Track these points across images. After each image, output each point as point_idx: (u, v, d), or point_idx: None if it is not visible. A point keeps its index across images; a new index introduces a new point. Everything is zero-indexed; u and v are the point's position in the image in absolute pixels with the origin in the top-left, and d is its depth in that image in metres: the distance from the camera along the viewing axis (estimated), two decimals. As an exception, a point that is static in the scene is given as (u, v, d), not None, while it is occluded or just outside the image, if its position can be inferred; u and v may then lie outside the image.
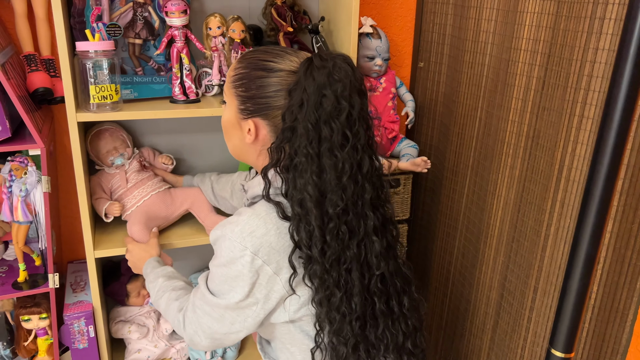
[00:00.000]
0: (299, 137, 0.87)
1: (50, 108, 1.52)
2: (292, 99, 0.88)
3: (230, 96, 0.97)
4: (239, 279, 0.92)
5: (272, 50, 0.95)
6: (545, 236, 1.16)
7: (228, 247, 0.91)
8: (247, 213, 0.93)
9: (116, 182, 1.43)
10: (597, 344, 1.12)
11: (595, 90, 1.02)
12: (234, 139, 1.00)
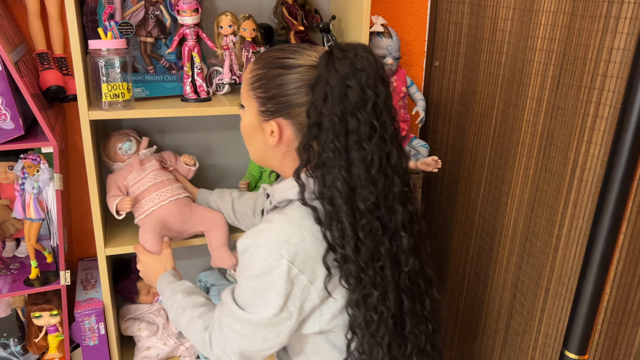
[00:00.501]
0: (325, 132, 0.84)
1: (62, 106, 1.53)
2: (315, 94, 0.85)
3: (249, 99, 0.93)
4: (273, 291, 0.86)
5: (288, 48, 0.92)
6: (557, 237, 1.15)
7: (262, 257, 0.86)
8: (280, 219, 0.88)
9: (133, 178, 1.35)
10: (610, 346, 1.11)
11: (610, 90, 1.01)
12: (256, 143, 0.96)
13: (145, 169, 1.35)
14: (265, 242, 0.86)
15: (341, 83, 0.83)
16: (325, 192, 0.86)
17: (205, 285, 1.75)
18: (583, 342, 0.83)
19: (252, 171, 1.65)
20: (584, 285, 0.82)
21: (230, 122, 1.67)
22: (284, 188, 0.93)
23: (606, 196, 0.78)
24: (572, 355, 0.83)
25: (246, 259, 0.89)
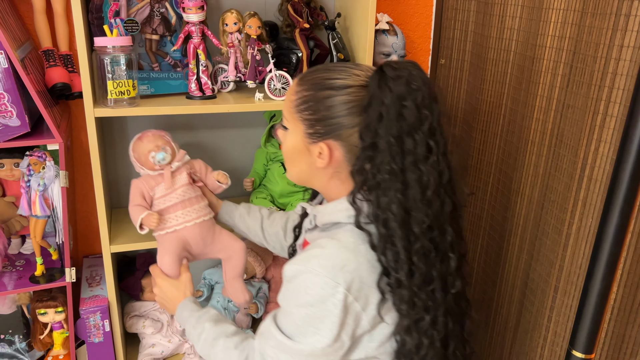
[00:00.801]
0: (381, 153, 0.82)
1: (68, 103, 1.53)
2: (368, 115, 0.83)
3: (294, 121, 0.91)
4: (327, 320, 0.83)
5: (333, 68, 0.89)
6: (567, 235, 1.14)
7: (317, 284, 0.82)
8: (333, 245, 0.85)
9: (160, 191, 1.23)
10: (617, 345, 1.10)
11: (620, 88, 1.00)
12: (301, 165, 0.93)
13: (175, 183, 1.23)
14: (320, 268, 0.82)
15: (397, 103, 0.81)
16: (380, 214, 0.83)
17: (209, 282, 1.75)
18: (590, 341, 0.83)
19: (257, 169, 1.65)
20: (591, 284, 0.81)
21: (235, 120, 1.67)
22: (332, 210, 0.90)
23: (614, 194, 0.77)
24: (578, 354, 0.82)
25: (296, 285, 0.85)
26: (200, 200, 1.26)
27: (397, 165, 0.82)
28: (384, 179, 0.82)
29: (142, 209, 1.22)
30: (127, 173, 1.61)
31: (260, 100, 1.39)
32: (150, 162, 1.22)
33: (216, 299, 1.71)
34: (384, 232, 0.83)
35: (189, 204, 1.22)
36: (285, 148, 0.95)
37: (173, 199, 1.22)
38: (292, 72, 1.44)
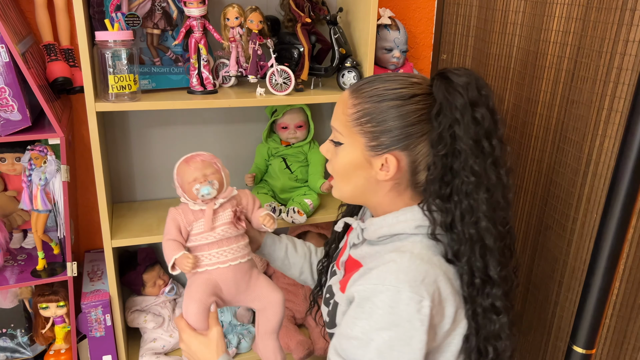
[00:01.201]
0: (462, 157, 0.82)
1: (69, 98, 1.52)
2: (439, 123, 0.83)
3: (352, 135, 0.87)
4: (415, 340, 0.78)
5: (388, 78, 0.87)
6: (570, 230, 1.14)
7: (401, 301, 0.77)
8: (407, 257, 0.81)
9: (198, 227, 1.09)
10: (619, 340, 1.10)
11: (625, 83, 1.00)
12: (358, 180, 0.89)
13: (216, 221, 1.09)
14: (400, 284, 0.78)
15: (470, 108, 0.81)
16: (467, 218, 0.83)
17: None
18: (591, 336, 0.83)
19: (258, 164, 1.64)
20: (592, 280, 0.81)
21: (236, 115, 1.66)
22: (393, 222, 0.87)
23: (616, 189, 0.77)
24: (579, 349, 0.82)
25: (374, 307, 0.79)
26: (239, 240, 1.11)
27: (480, 168, 0.82)
28: (470, 182, 0.82)
29: (177, 246, 1.08)
30: (129, 167, 1.61)
31: (261, 95, 1.38)
32: (194, 193, 1.09)
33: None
34: (474, 235, 0.82)
35: (227, 243, 1.09)
36: (339, 164, 0.91)
37: (210, 237, 1.08)
38: (294, 67, 1.43)
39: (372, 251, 0.91)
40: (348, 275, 0.92)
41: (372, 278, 0.81)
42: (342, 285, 0.92)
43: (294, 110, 1.57)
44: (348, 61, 1.44)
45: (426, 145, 0.85)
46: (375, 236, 0.89)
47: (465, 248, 0.83)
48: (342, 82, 1.46)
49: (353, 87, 0.90)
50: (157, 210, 1.57)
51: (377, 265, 0.83)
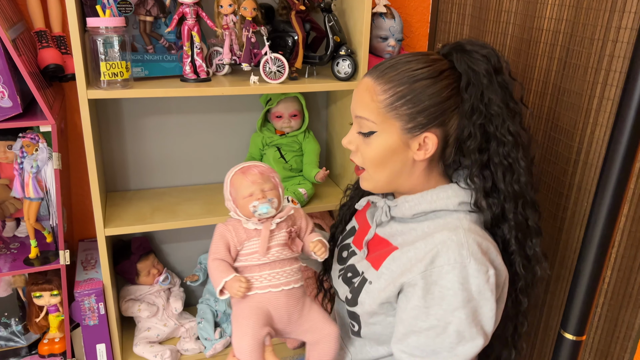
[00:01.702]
0: (498, 121, 0.86)
1: (62, 86, 1.52)
2: (471, 94, 0.86)
3: (388, 121, 0.87)
4: (487, 309, 0.81)
5: (408, 59, 0.89)
6: (561, 219, 1.14)
7: (470, 275, 0.80)
8: (461, 234, 0.83)
9: (250, 247, 0.99)
10: (610, 328, 1.11)
11: (617, 71, 0.99)
12: (395, 165, 0.90)
13: (271, 241, 1.00)
14: (464, 259, 0.81)
15: (495, 75, 0.86)
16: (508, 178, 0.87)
17: (205, 267, 1.75)
18: (581, 323, 0.83)
19: (252, 153, 1.64)
20: (582, 266, 0.81)
21: (230, 104, 1.66)
22: (432, 198, 0.89)
23: (606, 176, 0.77)
24: (569, 335, 0.82)
25: (441, 290, 0.81)
26: (292, 263, 1.01)
27: (514, 128, 0.86)
28: (508, 142, 0.86)
29: (226, 267, 0.98)
30: (122, 156, 1.61)
31: (255, 84, 1.38)
32: (248, 210, 0.98)
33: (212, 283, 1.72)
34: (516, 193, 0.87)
35: (280, 265, 0.99)
36: (373, 153, 0.90)
37: (263, 258, 0.98)
38: (288, 55, 1.42)
39: (404, 228, 0.92)
40: (379, 254, 0.92)
41: (433, 261, 0.81)
42: (373, 263, 0.92)
43: (288, 99, 1.56)
44: (343, 49, 1.44)
45: (457, 119, 0.88)
46: (410, 213, 0.90)
47: (510, 205, 0.86)
48: (336, 70, 1.46)
49: (375, 73, 0.89)
50: (151, 200, 1.57)
51: (425, 247, 0.84)
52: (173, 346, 1.61)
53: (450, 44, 0.92)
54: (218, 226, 1.02)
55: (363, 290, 0.92)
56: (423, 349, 0.83)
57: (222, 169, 1.71)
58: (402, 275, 0.84)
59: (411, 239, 0.89)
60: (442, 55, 0.91)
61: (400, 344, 0.86)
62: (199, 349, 1.61)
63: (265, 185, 0.99)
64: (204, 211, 1.50)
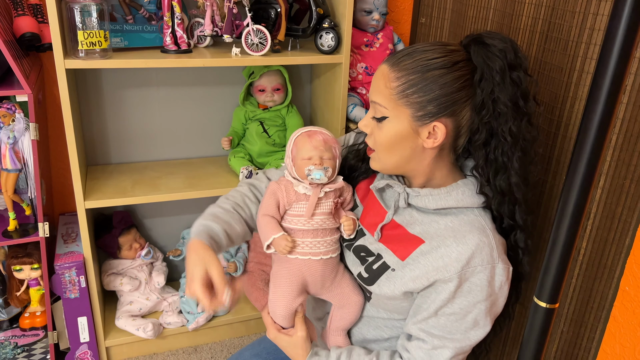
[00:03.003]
0: (502, 119, 0.88)
1: (39, 56, 1.49)
2: (483, 89, 0.87)
3: (398, 108, 0.89)
4: (502, 300, 0.90)
5: (425, 48, 0.90)
6: (540, 193, 1.15)
7: (496, 274, 0.87)
8: (490, 235, 0.89)
9: (297, 209, 1.01)
10: (584, 299, 1.13)
11: (597, 44, 0.99)
12: (404, 151, 0.92)
13: (317, 207, 1.01)
14: (494, 260, 0.87)
15: (509, 72, 0.87)
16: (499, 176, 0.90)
17: (188, 242, 1.75)
18: (554, 291, 0.84)
19: (235, 128, 1.63)
20: (557, 235, 0.82)
21: (212, 77, 1.64)
22: (459, 197, 0.92)
23: (582, 144, 0.77)
24: (542, 303, 0.84)
25: (470, 286, 0.87)
26: (334, 233, 1.03)
27: (517, 129, 0.88)
28: (506, 143, 0.89)
29: (275, 225, 1.00)
30: (103, 129, 1.59)
31: (237, 56, 1.36)
32: (303, 172, 1.01)
33: (195, 257, 1.71)
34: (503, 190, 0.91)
35: (322, 234, 1.01)
36: (384, 138, 0.92)
37: (307, 224, 1.01)
38: (271, 27, 1.41)
39: (423, 219, 0.95)
40: (403, 245, 0.95)
41: (468, 262, 0.86)
42: (397, 251, 0.95)
43: (271, 73, 1.55)
44: (326, 22, 1.42)
45: (469, 110, 0.90)
46: (434, 206, 0.93)
47: (495, 200, 0.91)
48: (319, 43, 1.45)
49: (391, 61, 0.91)
50: (132, 173, 1.56)
51: (458, 246, 0.88)
52: (155, 320, 1.61)
53: (472, 35, 0.93)
54: (270, 184, 1.04)
55: (384, 275, 0.95)
56: (441, 329, 0.89)
57: (204, 144, 1.71)
58: (437, 272, 0.88)
59: (433, 231, 0.92)
60: (462, 46, 0.92)
61: (420, 324, 0.91)
62: (182, 323, 1.61)
63: (326, 153, 1.01)
64: (185, 185, 1.49)
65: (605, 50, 0.70)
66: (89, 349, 1.50)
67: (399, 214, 0.98)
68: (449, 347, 0.88)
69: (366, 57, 1.58)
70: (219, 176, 1.57)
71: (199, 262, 0.90)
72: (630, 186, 1.02)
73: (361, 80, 1.59)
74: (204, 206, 1.01)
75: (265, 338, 1.22)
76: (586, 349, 1.17)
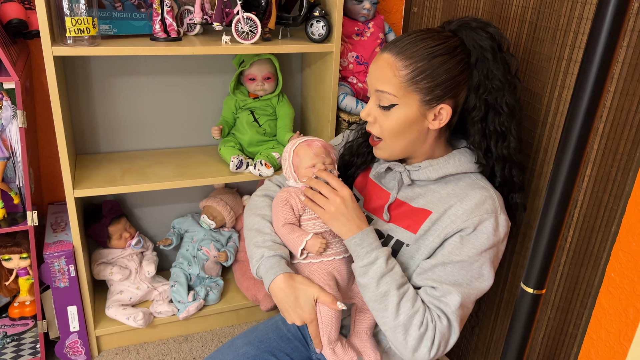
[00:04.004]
0: (499, 94, 0.95)
1: (27, 43, 1.47)
2: (480, 70, 0.95)
3: (407, 95, 0.94)
4: (501, 253, 0.98)
5: (424, 36, 0.95)
6: (528, 181, 1.16)
7: (500, 225, 0.94)
8: (491, 190, 0.97)
9: (312, 213, 1.02)
10: (571, 286, 1.14)
11: (585, 33, 1.00)
12: (412, 134, 0.98)
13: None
14: (496, 210, 0.94)
15: (499, 51, 0.96)
16: (499, 144, 0.98)
17: (178, 231, 1.75)
18: (541, 277, 0.85)
19: (225, 117, 1.62)
20: (544, 222, 0.83)
21: (202, 66, 1.63)
22: (456, 163, 1.00)
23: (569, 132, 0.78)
24: (529, 289, 0.85)
25: (476, 234, 0.93)
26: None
27: (512, 100, 0.97)
28: (504, 114, 0.97)
29: (300, 229, 1.01)
30: (92, 118, 1.57)
31: (227, 44, 1.35)
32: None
33: (185, 247, 1.72)
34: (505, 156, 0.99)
35: (333, 236, 1.03)
36: (393, 125, 0.97)
37: (324, 226, 1.02)
38: (261, 15, 1.40)
39: (423, 191, 1.02)
40: (412, 220, 1.00)
41: (472, 212, 0.94)
42: (409, 227, 1.01)
43: (262, 61, 1.54)
44: (317, 10, 1.42)
45: (465, 91, 0.97)
46: (436, 175, 0.99)
47: (499, 167, 1.00)
48: (310, 32, 1.44)
49: (394, 50, 0.95)
50: (121, 162, 1.55)
51: (462, 204, 0.95)
52: (146, 309, 1.61)
53: (455, 21, 1.00)
54: (279, 193, 1.06)
55: (399, 252, 1.01)
56: (447, 277, 0.93)
57: (194, 133, 1.70)
58: (445, 229, 0.95)
59: (437, 199, 0.99)
60: (449, 31, 0.98)
61: (426, 273, 0.95)
62: (172, 312, 1.62)
63: (327, 159, 1.05)
64: (175, 174, 1.49)
65: (592, 38, 0.71)
66: (79, 338, 1.50)
67: (402, 191, 1.04)
68: (457, 293, 0.92)
69: (357, 46, 1.58)
70: (209, 165, 1.56)
71: (303, 296, 0.97)
72: (617, 174, 1.03)
73: (352, 70, 1.59)
74: (194, 195, 1.01)
75: (257, 327, 1.22)
76: (572, 335, 1.19)
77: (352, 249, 0.96)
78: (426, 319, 0.91)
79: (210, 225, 1.70)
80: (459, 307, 0.91)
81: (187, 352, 1.62)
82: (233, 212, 1.74)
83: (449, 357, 1.55)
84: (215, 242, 1.72)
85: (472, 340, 1.45)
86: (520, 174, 1.03)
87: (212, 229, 1.72)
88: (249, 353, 1.13)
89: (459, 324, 0.92)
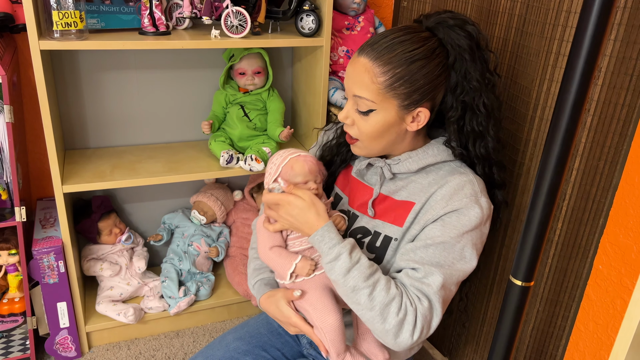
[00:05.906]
0: (476, 94, 0.95)
1: (13, 37, 1.45)
2: (457, 70, 0.95)
3: (386, 100, 0.94)
4: (485, 236, 0.98)
5: (401, 39, 0.93)
6: (517, 175, 1.17)
7: (482, 207, 0.94)
8: (470, 175, 0.98)
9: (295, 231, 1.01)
10: (559, 278, 1.15)
11: (572, 27, 1.01)
12: (390, 136, 0.98)
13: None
14: (476, 193, 0.95)
15: (477, 50, 0.95)
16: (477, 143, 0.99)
17: (169, 227, 1.74)
18: (529, 269, 0.86)
19: (215, 111, 1.62)
20: (532, 215, 0.83)
21: (192, 60, 1.62)
22: (434, 152, 1.00)
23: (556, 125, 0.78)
24: (517, 282, 0.85)
25: (458, 216, 0.94)
26: None
27: (489, 100, 0.96)
28: (481, 114, 0.97)
29: (288, 252, 1.00)
30: (80, 114, 1.56)
31: (216, 38, 1.34)
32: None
33: (176, 243, 1.71)
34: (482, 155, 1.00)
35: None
36: (371, 128, 0.97)
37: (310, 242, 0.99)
38: (251, 9, 1.39)
39: (404, 183, 1.02)
40: (396, 213, 1.00)
41: (452, 196, 0.94)
42: (394, 221, 1.01)
43: (252, 56, 1.53)
44: (306, 4, 1.41)
45: (443, 91, 0.97)
46: (416, 167, 1.00)
47: (479, 166, 1.01)
48: (300, 26, 1.44)
49: (372, 54, 0.93)
50: (110, 158, 1.54)
51: (442, 190, 0.96)
52: (137, 304, 1.61)
53: (433, 16, 0.97)
54: (259, 218, 1.04)
55: (389, 248, 1.01)
56: (429, 259, 0.92)
57: (183, 127, 1.70)
58: (425, 216, 0.96)
59: (418, 190, 0.99)
60: (427, 29, 0.96)
61: (407, 255, 0.95)
62: (163, 307, 1.61)
63: (319, 178, 1.03)
64: (165, 169, 1.48)
65: (580, 31, 0.71)
66: (69, 334, 1.49)
67: (385, 185, 1.04)
68: (438, 274, 0.92)
69: (347, 41, 1.58)
70: (199, 160, 1.56)
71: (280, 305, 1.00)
72: (604, 167, 1.04)
73: (342, 64, 1.58)
74: (184, 191, 1.01)
75: (248, 322, 1.23)
76: (561, 327, 1.20)
77: (317, 246, 0.95)
78: (404, 303, 0.89)
79: (201, 220, 1.70)
80: (440, 287, 0.91)
81: (178, 347, 1.62)
82: (224, 207, 1.73)
83: (439, 349, 1.56)
84: (206, 238, 1.71)
85: (462, 334, 1.46)
86: (501, 172, 1.04)
87: (203, 224, 1.72)
88: (240, 348, 1.13)
89: (441, 305, 0.92)
